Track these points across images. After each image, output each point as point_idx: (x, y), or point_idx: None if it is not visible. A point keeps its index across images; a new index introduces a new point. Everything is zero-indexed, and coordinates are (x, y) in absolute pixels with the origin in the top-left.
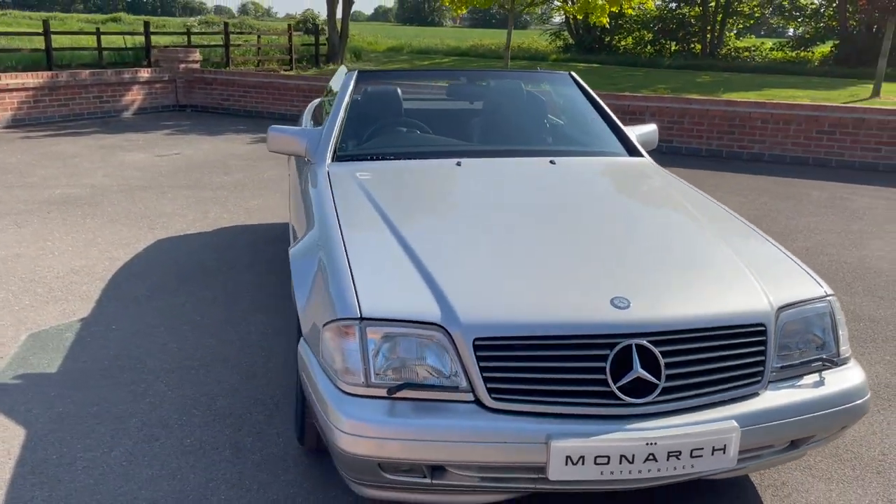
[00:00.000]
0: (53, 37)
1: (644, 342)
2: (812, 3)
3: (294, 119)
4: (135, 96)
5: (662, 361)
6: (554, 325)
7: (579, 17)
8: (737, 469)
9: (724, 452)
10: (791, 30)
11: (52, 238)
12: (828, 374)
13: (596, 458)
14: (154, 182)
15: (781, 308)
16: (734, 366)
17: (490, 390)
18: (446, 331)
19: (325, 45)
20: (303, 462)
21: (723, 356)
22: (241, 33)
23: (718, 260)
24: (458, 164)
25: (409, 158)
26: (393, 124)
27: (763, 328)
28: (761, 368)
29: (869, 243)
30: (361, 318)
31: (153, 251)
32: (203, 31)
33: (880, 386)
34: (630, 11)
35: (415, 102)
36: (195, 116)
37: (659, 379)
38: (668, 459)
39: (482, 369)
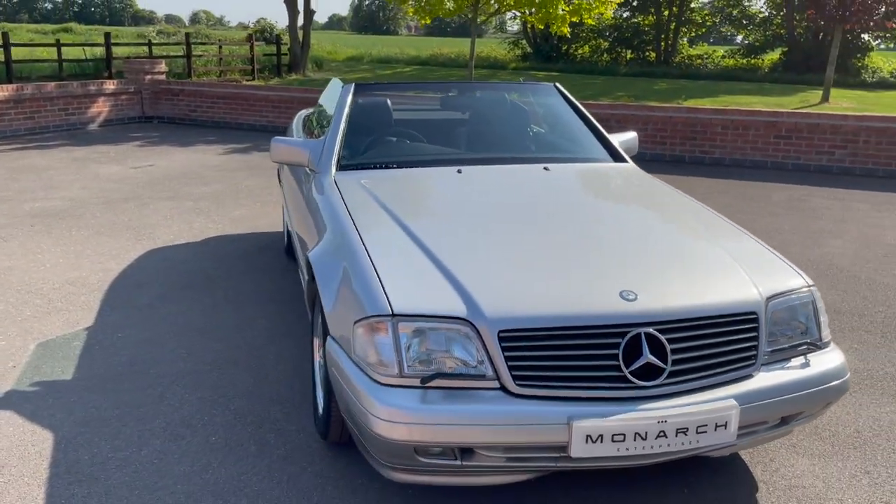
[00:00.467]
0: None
1: (651, 330)
2: (761, 12)
3: (263, 129)
4: (101, 108)
5: (668, 348)
6: (571, 317)
7: (540, 26)
8: (735, 444)
9: (725, 428)
10: (741, 38)
11: (41, 251)
12: (812, 357)
13: (613, 436)
14: (133, 193)
15: (770, 298)
16: (731, 350)
17: (515, 377)
18: (472, 325)
19: (286, 55)
20: (327, 455)
21: (720, 342)
22: (203, 43)
23: (711, 255)
24: (459, 171)
25: (411, 167)
26: (390, 134)
27: (755, 316)
28: (754, 352)
29: (829, 241)
30: (393, 315)
31: (145, 261)
32: (163, 41)
33: (850, 371)
34: (590, 21)
35: (404, 113)
36: (162, 128)
37: (666, 363)
38: (676, 436)
39: (507, 358)
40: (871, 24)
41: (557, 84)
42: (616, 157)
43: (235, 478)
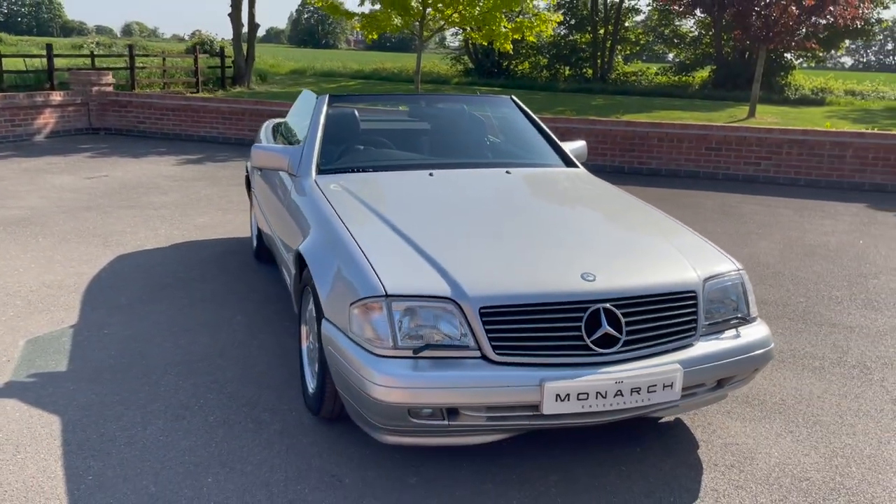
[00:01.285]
0: None
1: (608, 306)
2: (691, 32)
3: (213, 141)
4: (47, 119)
5: (623, 321)
6: (541, 295)
7: (484, 43)
8: (678, 405)
9: (671, 388)
10: (672, 56)
11: (10, 256)
12: (742, 329)
13: (578, 394)
14: (93, 203)
15: (706, 279)
16: (674, 323)
17: (494, 347)
18: (456, 303)
19: (230, 67)
20: (319, 428)
21: (666, 316)
22: (146, 55)
23: (655, 244)
24: (431, 174)
25: (385, 171)
26: (363, 142)
27: (694, 294)
28: (694, 325)
29: (757, 243)
30: (387, 296)
31: (118, 266)
32: (104, 52)
33: (776, 352)
34: (531, 39)
35: (374, 123)
36: (110, 139)
37: (621, 334)
38: (631, 394)
39: (487, 331)
40: (793, 44)
41: (513, 97)
42: (568, 162)
43: (238, 450)
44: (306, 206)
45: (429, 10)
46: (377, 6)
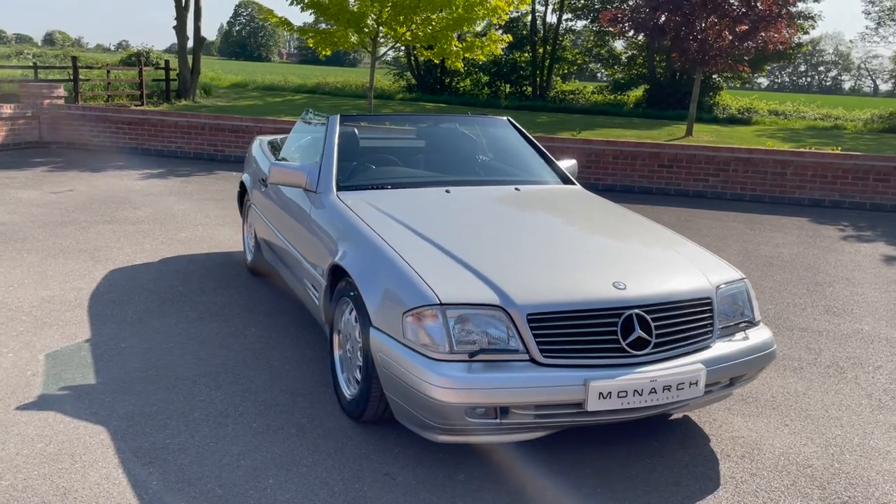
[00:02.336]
0: None
1: (640, 312)
2: (625, 53)
3: (172, 155)
4: None
5: (653, 325)
6: (581, 302)
7: (436, 61)
8: (701, 399)
9: (696, 386)
10: (607, 75)
11: (1, 272)
12: (749, 332)
13: (619, 392)
14: (67, 218)
15: (718, 287)
16: (695, 327)
17: (541, 350)
18: (505, 310)
19: (175, 80)
20: (361, 432)
21: (688, 320)
22: (90, 67)
23: (667, 254)
24: (448, 191)
25: (403, 187)
26: (377, 160)
27: (710, 300)
28: (711, 328)
29: (719, 255)
30: (441, 304)
31: (113, 280)
32: (41, 64)
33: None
34: (481, 58)
35: (383, 141)
36: (63, 153)
37: (651, 337)
38: (663, 391)
39: (535, 335)
40: (727, 67)
41: (510, 118)
42: (566, 181)
43: (288, 453)
44: (333, 222)
45: (382, 27)
46: (328, 23)
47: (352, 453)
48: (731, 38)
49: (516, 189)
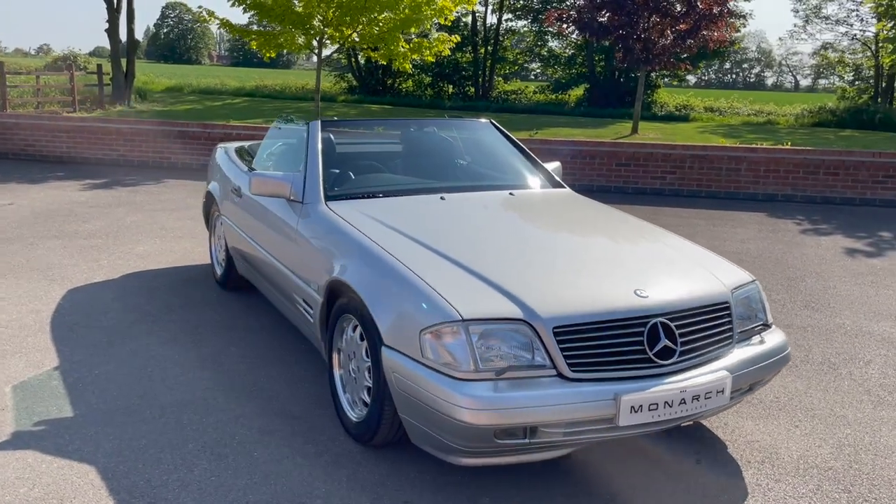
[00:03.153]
0: None
1: (664, 320)
2: (565, 53)
3: (114, 164)
4: None
5: (677, 333)
6: (607, 312)
7: (384, 62)
8: (726, 406)
9: (723, 393)
10: (548, 75)
11: None
12: (765, 335)
13: (650, 405)
14: (11, 234)
15: (733, 290)
16: (715, 333)
17: (569, 365)
18: (529, 324)
19: (108, 84)
20: (370, 456)
21: (709, 326)
22: (18, 73)
23: (678, 258)
24: (443, 198)
25: (395, 195)
26: (360, 167)
27: (728, 305)
28: (731, 333)
29: None
30: (464, 320)
31: (75, 301)
32: None
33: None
34: (430, 59)
35: (366, 146)
36: None
37: (676, 345)
38: (692, 402)
39: (562, 349)
40: (670, 65)
41: (493, 121)
42: (555, 184)
43: (300, 484)
44: (326, 234)
45: (327, 28)
46: (271, 25)
47: (366, 480)
48: (673, 36)
49: (510, 194)
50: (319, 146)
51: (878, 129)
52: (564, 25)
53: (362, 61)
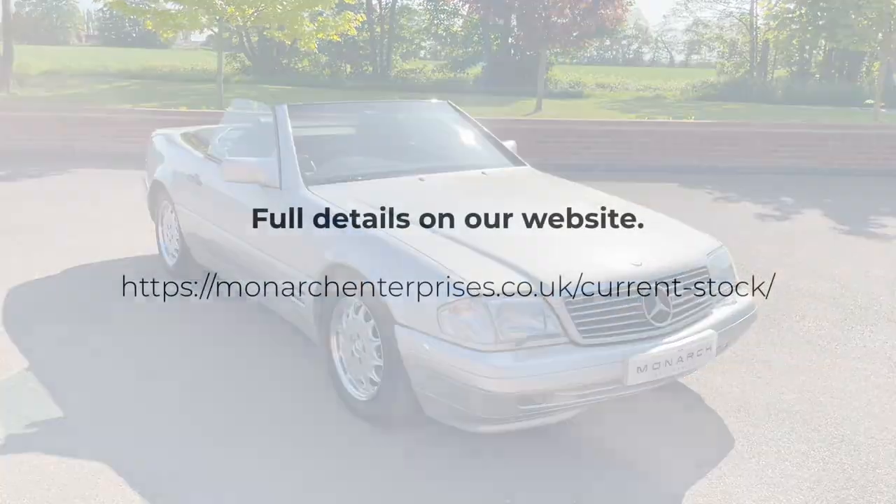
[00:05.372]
0: None
1: (659, 286)
2: (461, 32)
3: (21, 153)
4: None
5: (670, 297)
6: (611, 282)
7: (288, 42)
8: (711, 361)
9: (710, 350)
10: (445, 54)
11: None
12: (736, 296)
13: (654, 364)
14: None
15: (708, 255)
16: (699, 295)
17: (581, 332)
18: (543, 295)
19: None
20: (388, 435)
21: (693, 289)
22: None
23: (655, 229)
24: (421, 179)
25: (374, 178)
26: (331, 151)
27: (706, 269)
28: (711, 295)
29: None
30: (481, 295)
31: (21, 298)
32: None
33: None
34: (335, 38)
35: (332, 129)
36: None
37: (669, 309)
38: (687, 358)
39: (574, 318)
40: (569, 44)
41: (450, 101)
42: (516, 162)
43: (347, 470)
44: (312, 219)
45: (229, 7)
46: (178, 5)
47: (392, 461)
48: (572, 15)
49: (483, 173)
50: (290, 130)
51: (755, 100)
52: (463, 3)
53: (255, 40)
